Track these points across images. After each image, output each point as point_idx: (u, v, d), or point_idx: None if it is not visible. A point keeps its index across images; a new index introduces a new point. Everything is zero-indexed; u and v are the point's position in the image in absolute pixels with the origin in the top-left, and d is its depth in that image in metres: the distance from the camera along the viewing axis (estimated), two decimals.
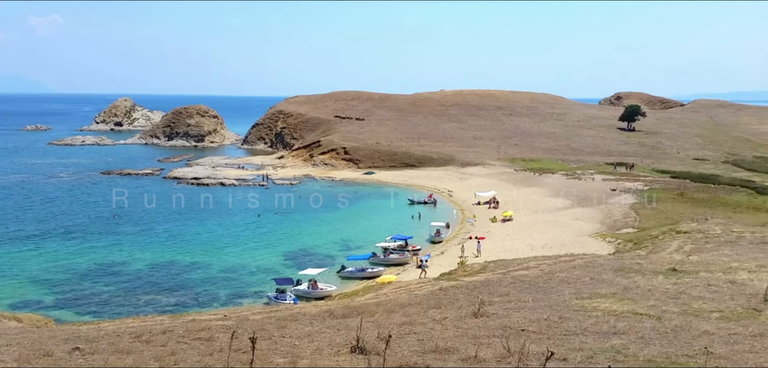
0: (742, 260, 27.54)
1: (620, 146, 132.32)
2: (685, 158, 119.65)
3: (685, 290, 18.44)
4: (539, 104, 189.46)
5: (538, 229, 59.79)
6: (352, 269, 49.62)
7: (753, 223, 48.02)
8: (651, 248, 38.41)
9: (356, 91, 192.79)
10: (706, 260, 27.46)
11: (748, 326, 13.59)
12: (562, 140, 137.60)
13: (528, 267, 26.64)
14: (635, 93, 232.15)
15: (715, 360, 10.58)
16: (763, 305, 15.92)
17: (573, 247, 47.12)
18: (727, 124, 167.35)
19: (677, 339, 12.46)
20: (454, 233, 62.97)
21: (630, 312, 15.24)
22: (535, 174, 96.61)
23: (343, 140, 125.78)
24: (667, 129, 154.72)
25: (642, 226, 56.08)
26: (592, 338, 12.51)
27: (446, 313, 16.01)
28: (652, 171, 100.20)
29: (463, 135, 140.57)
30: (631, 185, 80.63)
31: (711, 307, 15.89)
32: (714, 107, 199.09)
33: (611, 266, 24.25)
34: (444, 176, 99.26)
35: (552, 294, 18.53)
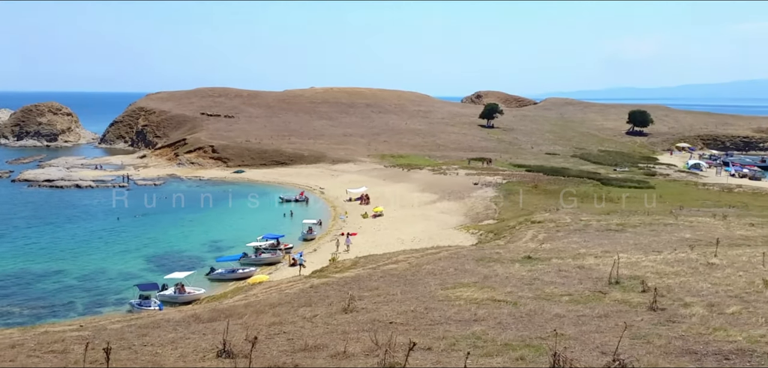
0: (589, 246, 30.01)
1: (481, 142, 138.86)
2: (539, 153, 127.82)
3: (539, 276, 19.75)
4: (406, 102, 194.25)
5: (407, 223, 61.46)
6: (221, 271, 48.29)
7: (598, 212, 52.31)
8: (509, 238, 40.81)
9: (223, 87, 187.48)
10: (557, 248, 29.62)
11: (595, 308, 14.80)
12: (428, 136, 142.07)
13: (397, 261, 27.33)
14: (494, 92, 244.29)
15: (565, 340, 11.45)
16: (607, 288, 17.38)
17: (440, 239, 48.92)
18: (575, 120, 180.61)
19: (531, 322, 13.37)
20: (327, 230, 63.18)
21: (489, 299, 16.11)
22: (404, 170, 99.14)
23: (210, 138, 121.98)
24: (522, 126, 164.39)
25: (501, 217, 59.34)
26: (455, 326, 13.12)
27: (317, 310, 16.08)
28: (510, 165, 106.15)
29: (334, 132, 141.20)
30: (492, 179, 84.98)
31: (562, 291, 17.10)
32: (563, 105, 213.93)
33: (473, 257, 25.47)
34: (315, 174, 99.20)
35: (419, 286, 19.16)
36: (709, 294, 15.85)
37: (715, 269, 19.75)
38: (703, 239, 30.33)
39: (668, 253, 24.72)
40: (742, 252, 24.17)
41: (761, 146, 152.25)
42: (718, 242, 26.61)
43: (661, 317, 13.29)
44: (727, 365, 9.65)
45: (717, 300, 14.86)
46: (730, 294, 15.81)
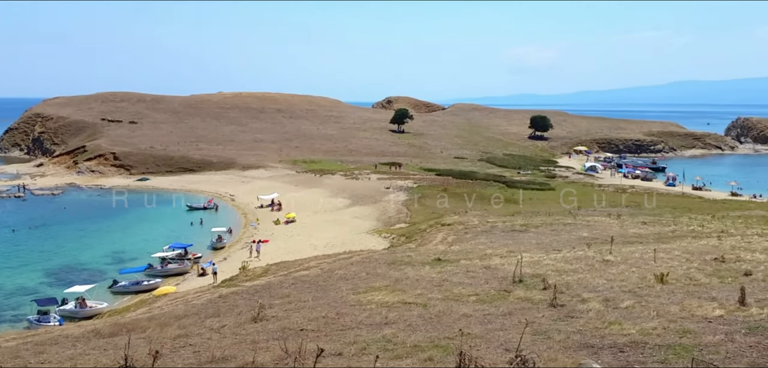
0: (495, 247, 31.00)
1: (392, 147, 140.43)
2: (448, 157, 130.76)
3: (448, 277, 20.22)
4: (318, 107, 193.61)
5: (320, 229, 61.18)
6: (125, 283, 46.22)
7: (504, 214, 54.13)
8: (420, 241, 41.48)
9: (126, 92, 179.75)
10: (465, 249, 30.41)
11: (500, 306, 15.31)
12: (340, 141, 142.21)
13: (309, 267, 27.22)
14: (403, 97, 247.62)
15: (472, 339, 11.77)
16: (512, 286, 18.02)
17: (352, 244, 49.05)
18: (481, 125, 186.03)
19: (440, 323, 13.67)
20: (237, 237, 61.87)
21: (400, 302, 16.33)
22: (316, 175, 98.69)
23: (112, 145, 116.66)
24: (431, 131, 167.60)
25: (412, 221, 60.23)
26: (366, 330, 13.21)
27: (225, 321, 15.74)
28: (420, 169, 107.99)
29: (244, 138, 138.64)
30: (403, 183, 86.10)
31: (469, 291, 17.58)
32: (470, 110, 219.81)
33: (385, 260, 25.74)
34: (225, 180, 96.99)
35: (331, 292, 19.15)
36: (604, 289, 16.76)
37: (610, 266, 20.92)
38: (600, 237, 32.03)
39: (567, 251, 25.93)
40: (635, 249, 25.72)
41: (651, 149, 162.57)
42: (613, 241, 28.23)
43: (560, 313, 13.92)
44: (621, 357, 10.23)
45: (612, 296, 15.73)
46: (624, 289, 16.78)
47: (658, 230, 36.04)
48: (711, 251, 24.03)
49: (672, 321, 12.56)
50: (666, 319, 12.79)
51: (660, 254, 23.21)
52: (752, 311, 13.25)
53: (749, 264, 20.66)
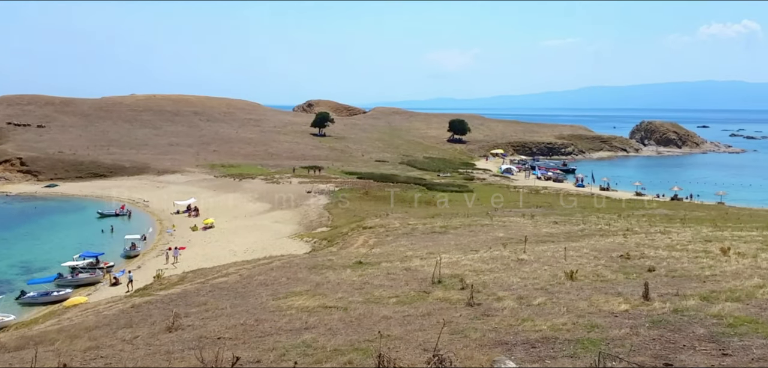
0: (416, 248, 31.41)
1: (314, 150, 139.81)
2: (369, 161, 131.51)
3: (369, 280, 20.33)
4: (236, 110, 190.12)
5: (239, 234, 60.09)
6: (34, 295, 43.84)
7: (424, 216, 54.97)
8: (341, 245, 41.54)
9: (32, 94, 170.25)
10: (386, 252, 30.66)
11: (419, 307, 15.53)
12: (260, 145, 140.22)
13: (228, 274, 26.67)
14: (324, 101, 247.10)
15: (391, 341, 11.91)
16: (431, 287, 18.30)
17: (273, 249, 48.46)
18: (401, 129, 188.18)
19: (360, 326, 13.73)
20: (152, 245, 59.84)
21: (321, 306, 16.29)
22: (236, 180, 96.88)
23: (18, 150, 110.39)
24: (352, 134, 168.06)
25: (334, 224, 60.18)
26: (286, 336, 13.10)
27: (138, 331, 15.22)
28: (342, 173, 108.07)
29: (159, 142, 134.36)
30: (325, 187, 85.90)
31: (389, 294, 17.72)
32: (391, 113, 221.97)
33: (306, 265, 25.58)
34: (139, 186, 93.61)
35: (250, 298, 18.86)
36: (518, 287, 17.33)
37: (524, 265, 21.64)
38: (515, 237, 33.07)
39: (484, 251, 26.62)
40: (547, 248, 26.71)
41: (562, 151, 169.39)
42: (527, 240, 29.22)
43: (477, 311, 14.29)
44: (533, 353, 10.63)
45: (526, 293, 16.29)
46: (536, 286, 17.41)
47: (569, 229, 37.59)
48: (617, 249, 25.27)
49: (581, 317, 13.15)
50: (575, 315, 13.38)
51: (570, 253, 24.23)
52: (655, 305, 14.03)
53: (652, 260, 21.85)
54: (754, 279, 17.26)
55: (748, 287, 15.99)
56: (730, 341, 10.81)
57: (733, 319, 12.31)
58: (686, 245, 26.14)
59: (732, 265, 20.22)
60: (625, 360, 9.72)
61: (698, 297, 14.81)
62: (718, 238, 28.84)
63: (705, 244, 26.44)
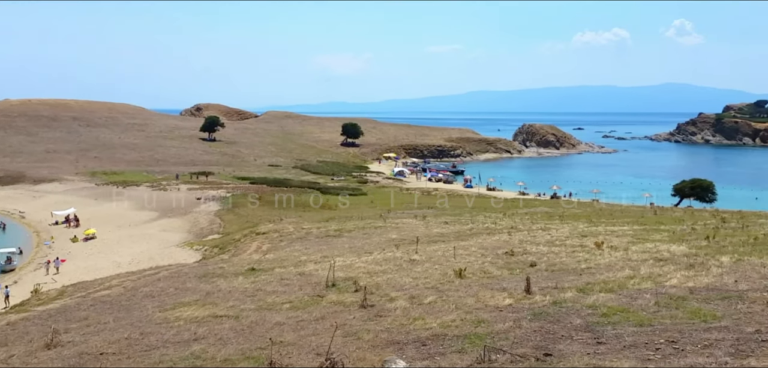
0: (310, 253, 31.26)
1: (203, 155, 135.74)
2: (262, 165, 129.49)
3: (262, 286, 20.02)
4: (119, 115, 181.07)
5: (124, 244, 57.25)
6: None
7: (319, 220, 54.83)
8: (233, 252, 40.61)
9: None
10: (280, 257, 30.30)
11: (313, 312, 15.49)
12: (145, 151, 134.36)
13: (111, 286, 25.32)
14: (214, 105, 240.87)
15: (284, 347, 11.81)
16: (325, 291, 18.30)
17: (161, 259, 46.55)
18: (294, 133, 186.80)
19: (252, 333, 13.51)
20: (29, 258, 55.73)
21: (211, 315, 15.86)
22: (119, 187, 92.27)
23: None
24: (244, 139, 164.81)
25: (226, 231, 58.72)
26: (173, 348, 12.66)
27: (13, 350, 14.16)
28: (234, 178, 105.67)
29: (35, 149, 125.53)
30: (215, 193, 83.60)
31: (283, 299, 17.55)
32: (283, 118, 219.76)
33: (196, 274, 24.78)
34: (13, 196, 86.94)
35: (135, 311, 18.03)
36: (410, 287, 17.71)
37: (416, 265, 22.15)
38: (407, 238, 33.72)
39: (378, 253, 26.96)
40: (438, 248, 27.47)
41: (452, 154, 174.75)
42: (419, 241, 29.89)
43: (370, 313, 14.47)
44: (423, 350, 10.91)
45: (417, 293, 16.68)
46: (427, 285, 17.86)
47: (458, 228, 38.81)
48: (502, 246, 26.41)
49: (468, 313, 13.66)
50: (463, 311, 13.88)
51: (459, 251, 25.06)
52: (536, 298, 14.81)
53: (534, 256, 23.03)
54: (625, 270, 18.62)
55: (620, 278, 17.22)
56: (604, 329, 11.61)
57: (606, 309, 13.23)
58: (564, 241, 27.75)
59: (605, 258, 21.69)
60: (509, 352, 10.20)
61: (575, 289, 15.79)
62: (593, 233, 30.83)
63: (581, 239, 28.19)
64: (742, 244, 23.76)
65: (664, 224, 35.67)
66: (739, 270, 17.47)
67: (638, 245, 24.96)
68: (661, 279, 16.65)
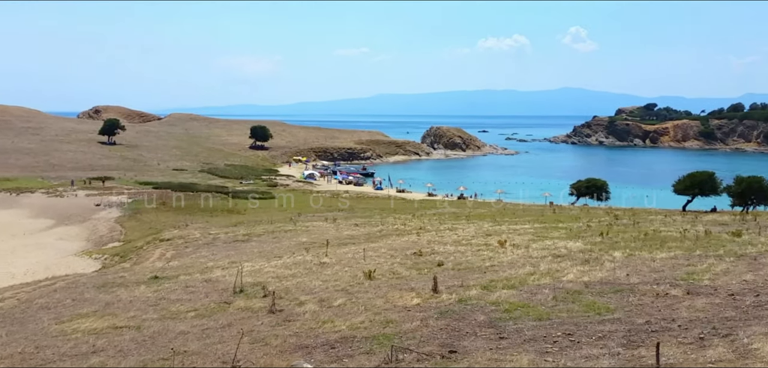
0: (217, 259, 30.61)
1: (102, 159, 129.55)
2: (166, 169, 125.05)
3: (165, 295, 19.40)
4: (12, 118, 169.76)
5: (18, 255, 53.59)
6: None
7: (227, 225, 53.65)
8: (135, 260, 39.06)
9: None
10: (185, 264, 29.46)
11: (219, 319, 15.18)
12: (40, 155, 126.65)
13: (4, 299, 23.73)
14: (114, 107, 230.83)
15: (188, 356, 11.53)
16: (232, 297, 17.97)
17: (58, 269, 43.97)
18: (200, 136, 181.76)
19: (155, 344, 13.08)
20: None
21: (111, 327, 15.22)
22: (12, 194, 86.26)
23: None
24: (147, 142, 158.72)
25: (128, 238, 56.32)
26: (71, 361, 12.07)
27: None
28: (136, 183, 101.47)
29: None
30: (116, 199, 79.96)
31: (188, 307, 17.08)
32: (188, 120, 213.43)
33: (94, 284, 23.67)
34: None
35: (30, 324, 17.02)
36: (320, 290, 17.73)
37: (326, 268, 22.17)
38: (317, 241, 33.68)
39: (287, 257, 26.78)
40: (348, 250, 27.62)
41: (362, 156, 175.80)
42: (329, 243, 29.92)
43: (279, 318, 14.37)
44: (332, 353, 10.97)
45: (327, 296, 16.72)
46: (337, 288, 17.94)
47: (368, 230, 39.14)
48: (411, 247, 26.91)
49: (377, 314, 13.84)
50: (372, 312, 14.05)
51: (369, 253, 25.31)
52: (443, 297, 15.21)
53: (442, 256, 23.63)
54: (526, 267, 19.47)
55: (521, 275, 18.00)
56: (506, 325, 12.11)
57: (508, 305, 13.80)
58: (470, 240, 28.63)
59: (508, 256, 22.58)
60: (415, 351, 10.45)
61: (480, 286, 16.36)
62: (497, 232, 31.98)
63: (486, 238, 29.19)
64: (633, 240, 25.37)
65: (562, 222, 37.51)
66: (630, 265, 18.66)
67: (538, 242, 26.13)
68: (559, 275, 17.54)
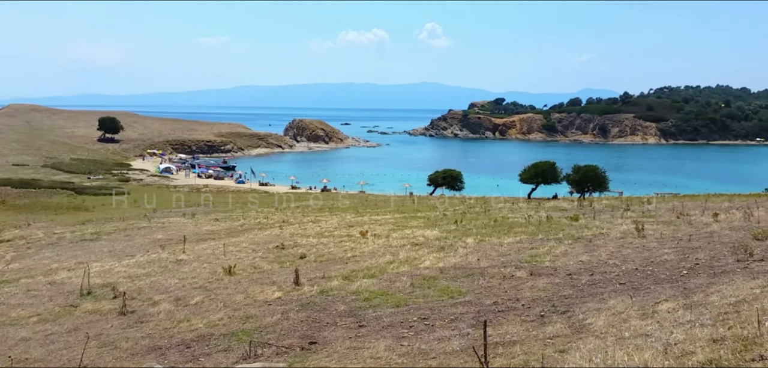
0: (63, 259, 28.44)
1: None
2: (5, 165, 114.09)
3: (4, 300, 17.83)
4: None
5: None
6: None
7: (73, 223, 49.93)
8: None
9: None
10: (27, 266, 27.13)
11: (64, 323, 14.17)
12: None
13: None
14: None
15: (29, 364, 10.71)
16: (79, 300, 16.83)
17: None
18: (43, 128, 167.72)
19: None
20: None
21: None
22: None
23: None
24: None
25: None
26: None
27: None
28: None
29: None
30: None
31: (30, 312, 15.82)
32: (29, 111, 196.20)
33: None
34: None
35: None
36: (176, 289, 17.08)
37: (182, 265, 21.38)
38: (174, 238, 32.33)
39: (141, 256, 25.51)
40: (208, 246, 26.80)
41: (222, 149, 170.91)
42: (187, 240, 28.86)
43: (130, 320, 13.68)
44: (187, 353, 10.62)
45: (183, 294, 16.14)
46: (195, 285, 17.38)
47: (229, 225, 38.21)
48: (273, 240, 26.64)
49: (237, 310, 13.60)
50: (231, 308, 13.78)
51: (230, 248, 24.74)
52: (305, 289, 15.25)
53: (304, 248, 23.62)
54: (386, 256, 19.99)
55: (381, 264, 18.46)
56: (366, 313, 12.39)
57: (368, 294, 14.11)
58: (333, 232, 28.88)
59: (369, 246, 23.06)
60: (275, 344, 10.40)
61: (341, 277, 16.58)
62: (359, 223, 32.52)
63: (348, 229, 29.58)
64: (484, 226, 26.86)
65: (420, 212, 38.88)
66: (481, 250, 19.76)
67: (398, 232, 26.92)
68: (417, 262, 18.20)
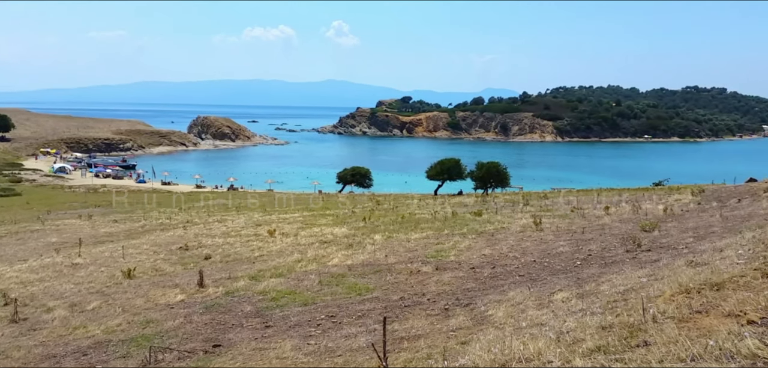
0: None
1: None
2: None
3: None
4: None
5: None
6: None
7: None
8: None
9: None
10: None
11: None
12: None
13: None
14: None
15: None
16: None
17: None
18: None
19: None
20: None
21: None
22: None
23: None
24: None
25: None
26: None
27: None
28: None
29: None
30: None
31: None
32: None
33: None
34: None
35: None
36: (72, 294, 16.26)
37: (79, 269, 20.36)
38: (70, 240, 30.69)
39: (34, 260, 24.08)
40: (106, 249, 25.62)
41: (121, 147, 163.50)
42: (83, 243, 27.49)
43: (22, 327, 12.92)
44: (84, 360, 10.14)
45: (79, 299, 15.39)
46: (92, 290, 16.61)
47: (129, 226, 36.69)
48: (177, 241, 25.85)
49: (137, 314, 13.12)
50: (131, 313, 13.28)
51: (129, 250, 23.79)
52: (209, 291, 14.92)
53: (209, 249, 23.09)
54: (295, 254, 19.90)
55: (289, 262, 18.36)
56: (273, 313, 12.29)
57: (275, 293, 14.00)
58: (240, 231, 28.38)
59: (277, 245, 22.86)
60: (177, 349, 10.12)
61: (248, 277, 16.35)
62: (267, 222, 32.14)
63: (256, 228, 29.17)
64: (392, 223, 27.27)
65: (329, 210, 38.92)
66: (388, 246, 20.06)
67: (307, 230, 26.84)
68: (325, 260, 18.24)
